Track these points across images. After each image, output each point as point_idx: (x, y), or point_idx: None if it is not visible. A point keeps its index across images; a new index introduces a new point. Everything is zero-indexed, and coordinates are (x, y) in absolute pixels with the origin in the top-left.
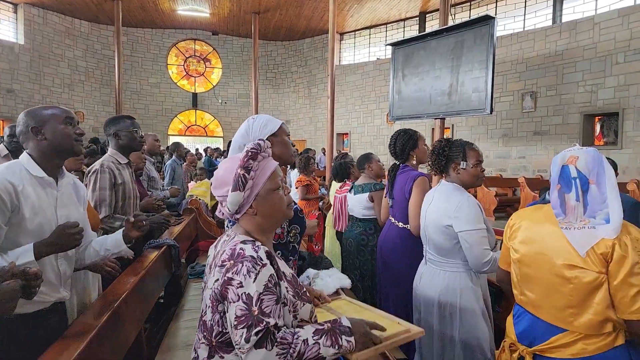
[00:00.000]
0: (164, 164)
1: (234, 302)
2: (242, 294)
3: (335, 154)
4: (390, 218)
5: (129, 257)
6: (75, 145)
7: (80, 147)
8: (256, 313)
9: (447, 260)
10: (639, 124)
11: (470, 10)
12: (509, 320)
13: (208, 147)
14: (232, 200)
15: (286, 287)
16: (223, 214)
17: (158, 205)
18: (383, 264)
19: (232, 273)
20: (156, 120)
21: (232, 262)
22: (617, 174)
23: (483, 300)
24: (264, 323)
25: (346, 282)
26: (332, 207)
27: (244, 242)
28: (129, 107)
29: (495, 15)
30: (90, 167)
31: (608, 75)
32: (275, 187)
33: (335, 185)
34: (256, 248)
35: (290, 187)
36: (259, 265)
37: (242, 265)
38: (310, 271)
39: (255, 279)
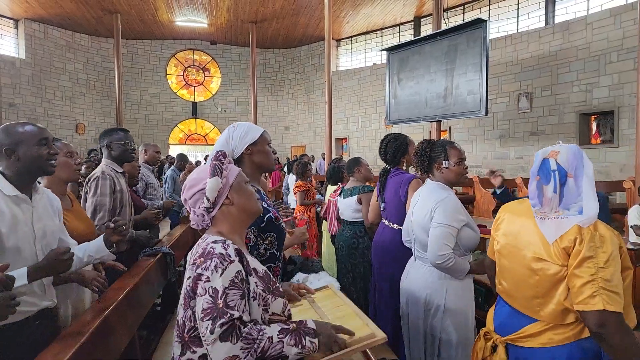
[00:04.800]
0: (163, 173)
1: (201, 295)
2: (208, 288)
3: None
4: (384, 221)
5: (111, 262)
6: (46, 165)
7: (52, 168)
8: (221, 305)
9: None
10: (635, 122)
11: (463, 14)
12: (490, 311)
13: (208, 155)
14: (212, 186)
15: (255, 282)
16: (198, 216)
17: (157, 216)
18: (377, 263)
19: (202, 269)
20: (157, 130)
21: (202, 259)
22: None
23: (468, 297)
24: (228, 315)
25: (335, 285)
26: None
27: (215, 241)
28: (130, 117)
29: (489, 18)
30: (91, 174)
31: (602, 75)
32: (246, 180)
33: (331, 188)
34: (225, 246)
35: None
36: (227, 261)
37: (211, 262)
38: (300, 275)
39: (222, 274)
